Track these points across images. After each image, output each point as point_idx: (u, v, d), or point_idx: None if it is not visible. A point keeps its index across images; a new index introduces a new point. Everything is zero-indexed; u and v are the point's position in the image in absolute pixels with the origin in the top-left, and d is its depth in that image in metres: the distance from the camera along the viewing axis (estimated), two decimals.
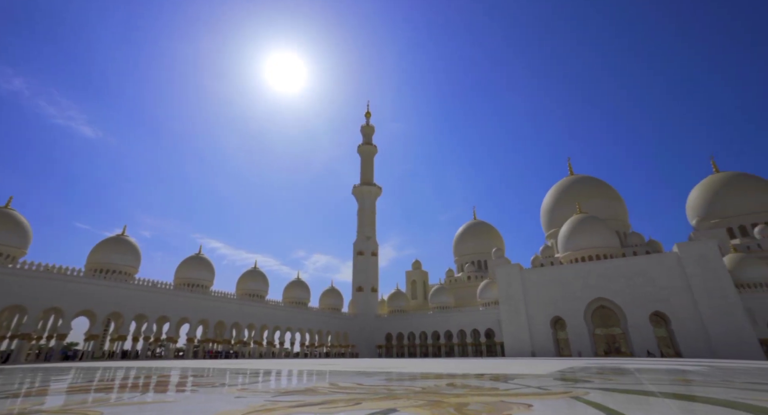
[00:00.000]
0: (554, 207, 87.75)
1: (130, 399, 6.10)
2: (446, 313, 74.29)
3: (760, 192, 71.34)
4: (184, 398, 6.27)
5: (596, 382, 9.11)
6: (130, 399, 6.10)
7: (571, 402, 5.47)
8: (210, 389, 7.70)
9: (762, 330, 48.62)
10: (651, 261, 57.03)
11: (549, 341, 59.56)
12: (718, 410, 4.86)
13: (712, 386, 8.29)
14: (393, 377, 11.73)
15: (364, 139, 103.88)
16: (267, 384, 9.29)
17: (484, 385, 8.41)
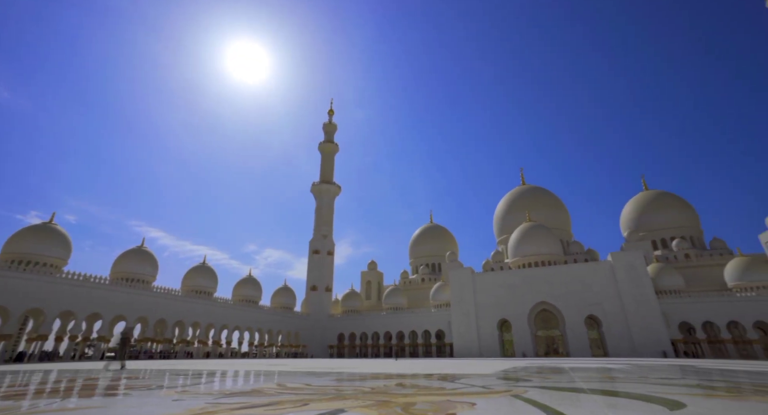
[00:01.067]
0: (506, 214, 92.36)
1: (47, 406, 5.50)
2: (399, 314, 75.32)
3: (678, 210, 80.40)
4: (113, 403, 5.78)
5: (535, 381, 9.69)
6: (47, 406, 5.50)
7: (511, 400, 5.78)
8: (145, 392, 7.18)
9: (673, 331, 54.63)
10: (588, 268, 61.93)
11: (495, 342, 62.49)
12: (635, 403, 5.40)
13: (632, 382, 9.17)
14: (344, 377, 11.66)
15: (325, 136, 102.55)
16: (210, 386, 8.84)
17: (433, 385, 8.63)
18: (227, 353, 62.19)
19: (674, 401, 5.43)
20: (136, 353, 51.51)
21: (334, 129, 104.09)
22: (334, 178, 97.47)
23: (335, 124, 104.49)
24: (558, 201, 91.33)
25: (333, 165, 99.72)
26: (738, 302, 52.70)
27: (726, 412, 4.52)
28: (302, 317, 78.20)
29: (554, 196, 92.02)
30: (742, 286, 56.35)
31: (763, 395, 6.26)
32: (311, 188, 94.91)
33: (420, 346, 71.91)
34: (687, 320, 54.30)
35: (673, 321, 54.53)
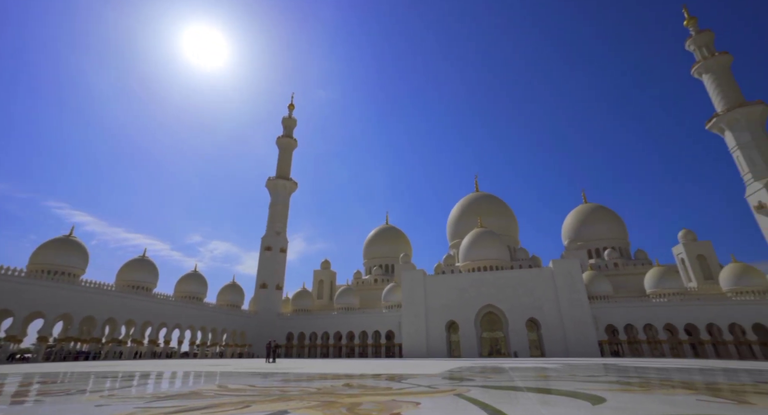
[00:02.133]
0: (459, 219, 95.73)
1: None
2: (350, 314, 75.05)
3: (610, 222, 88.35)
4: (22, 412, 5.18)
5: (478, 380, 10.13)
6: None
7: (454, 399, 5.99)
8: (62, 398, 6.50)
9: (601, 334, 59.87)
10: (531, 274, 65.92)
11: (443, 343, 64.41)
12: (564, 400, 5.85)
13: (563, 380, 9.91)
14: (290, 377, 11.40)
15: (284, 131, 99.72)
16: (142, 388, 8.22)
17: (380, 385, 8.70)
18: (163, 353, 58.18)
19: (597, 396, 5.96)
20: (61, 354, 46.57)
21: (294, 124, 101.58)
22: (291, 174, 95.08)
23: (295, 119, 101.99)
24: (508, 209, 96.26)
25: (290, 161, 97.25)
26: (652, 307, 58.85)
27: (637, 404, 5.07)
28: (250, 315, 75.25)
29: (505, 204, 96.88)
30: (657, 293, 63.05)
31: (667, 389, 7.06)
32: (267, 183, 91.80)
33: (370, 346, 72.19)
34: (612, 323, 59.65)
35: (601, 323, 59.61)
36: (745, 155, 59.64)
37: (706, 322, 55.30)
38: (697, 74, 69.72)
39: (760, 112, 60.49)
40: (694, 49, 70.73)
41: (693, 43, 70.76)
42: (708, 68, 67.40)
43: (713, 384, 8.75)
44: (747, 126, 60.22)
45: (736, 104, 62.17)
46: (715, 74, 66.54)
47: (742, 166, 60.46)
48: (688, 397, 6.02)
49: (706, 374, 12.61)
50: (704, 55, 68.83)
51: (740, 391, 7.23)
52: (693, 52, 71.09)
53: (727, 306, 55.32)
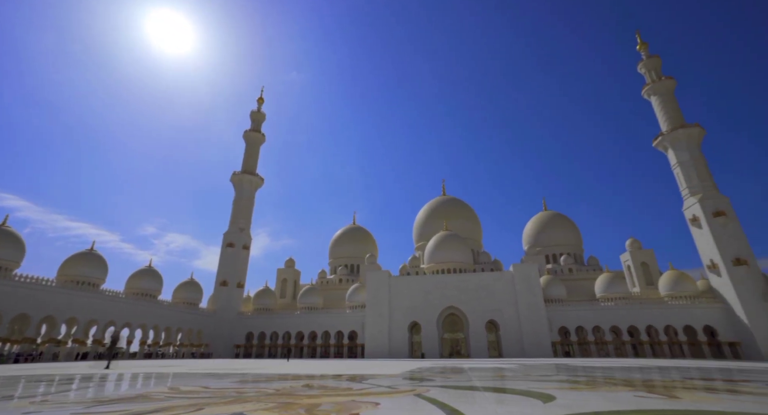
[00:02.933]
0: (426, 222, 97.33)
1: None
2: (314, 314, 73.99)
3: (567, 230, 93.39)
4: None
5: (438, 380, 10.33)
6: None
7: (413, 399, 6.07)
8: None
9: (554, 335, 63.07)
10: (493, 277, 68.20)
11: (405, 344, 65.09)
12: (517, 398, 6.11)
13: (518, 379, 10.34)
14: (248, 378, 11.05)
15: (252, 125, 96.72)
16: (82, 392, 7.64)
17: (341, 385, 8.65)
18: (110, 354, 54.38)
19: (548, 394, 6.27)
20: None
21: (262, 118, 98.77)
22: (257, 169, 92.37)
23: (264, 114, 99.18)
24: (473, 213, 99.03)
25: (257, 156, 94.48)
26: (601, 310, 62.81)
27: (583, 401, 5.39)
28: (208, 314, 72.12)
29: (470, 208, 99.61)
30: (606, 297, 67.37)
31: (610, 386, 7.57)
32: (232, 178, 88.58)
33: (332, 346, 71.54)
34: (565, 325, 62.97)
35: (555, 325, 62.75)
36: (683, 172, 65.15)
37: (645, 324, 59.75)
38: (647, 95, 75.36)
39: (697, 134, 66.38)
40: (645, 72, 76.42)
41: (644, 67, 76.45)
42: (655, 91, 73.08)
43: (649, 381, 9.48)
44: (686, 146, 65.86)
45: (678, 125, 67.85)
46: (661, 96, 72.24)
47: (681, 182, 65.99)
48: (627, 394, 6.48)
49: (644, 372, 13.62)
50: (653, 78, 74.55)
51: (671, 387, 7.89)
52: (644, 74, 76.77)
53: (663, 310, 60.10)
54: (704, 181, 62.83)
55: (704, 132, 66.84)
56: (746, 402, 5.55)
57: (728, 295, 56.23)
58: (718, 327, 56.54)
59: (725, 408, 4.90)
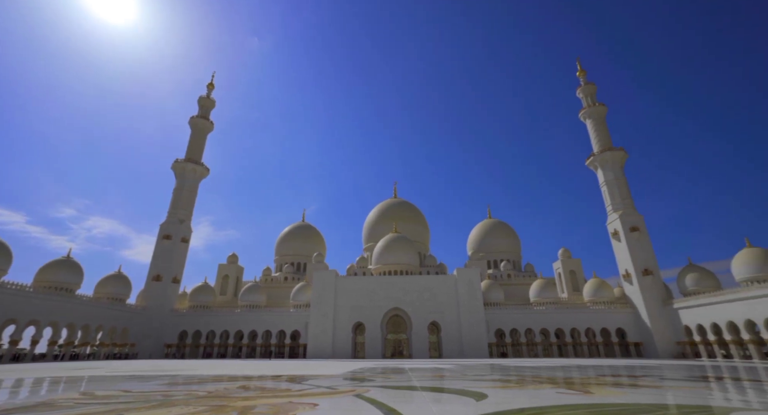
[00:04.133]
0: (376, 223, 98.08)
1: None
2: (255, 312, 71.04)
3: (508, 238, 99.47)
4: None
5: (378, 380, 10.44)
6: None
7: (352, 399, 6.08)
8: None
9: (491, 337, 66.75)
10: (437, 280, 70.44)
11: (348, 344, 64.85)
12: (453, 397, 6.38)
13: (455, 379, 10.79)
14: (178, 380, 10.34)
15: (200, 111, 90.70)
16: None
17: (280, 386, 8.41)
18: (6, 356, 47.82)
19: (481, 393, 6.63)
20: None
21: (212, 105, 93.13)
22: (203, 158, 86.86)
23: (213, 101, 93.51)
24: (422, 217, 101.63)
25: (204, 144, 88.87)
26: (533, 313, 67.62)
27: (512, 398, 5.78)
28: (136, 310, 66.09)
29: (420, 212, 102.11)
30: (539, 301, 72.71)
31: (537, 384, 8.19)
32: (174, 165, 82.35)
33: (273, 346, 69.25)
34: (501, 327, 66.85)
35: (492, 327, 66.37)
36: (609, 190, 72.44)
37: (570, 327, 65.37)
38: (583, 118, 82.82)
39: (621, 157, 74.25)
40: (582, 97, 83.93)
41: (582, 92, 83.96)
42: (590, 115, 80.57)
43: (569, 379, 10.39)
44: (612, 167, 73.37)
45: (606, 148, 75.36)
46: (594, 120, 79.79)
47: (606, 199, 73.29)
48: (550, 390, 7.05)
49: (566, 371, 14.89)
50: (588, 103, 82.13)
51: (586, 383, 8.72)
52: (581, 99, 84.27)
53: (585, 314, 66.22)
54: (625, 199, 70.24)
55: (627, 155, 74.73)
56: (644, 394, 6.34)
57: (637, 301, 63.34)
58: (627, 329, 63.48)
59: (627, 400, 5.56)
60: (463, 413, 4.68)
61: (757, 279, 50.21)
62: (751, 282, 50.49)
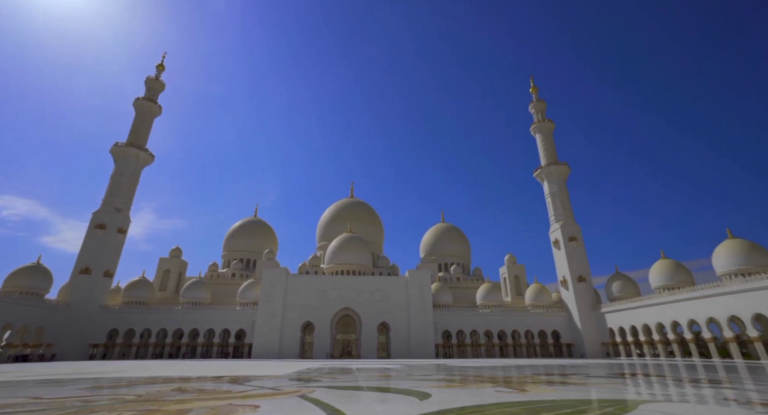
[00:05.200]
0: (330, 222, 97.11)
1: None
2: (198, 310, 67.07)
3: (459, 242, 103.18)
4: None
5: (325, 381, 10.31)
6: None
7: (296, 400, 5.95)
8: None
9: (438, 338, 68.81)
10: (389, 281, 71.25)
11: (296, 344, 63.41)
12: (398, 397, 6.47)
13: (401, 379, 10.95)
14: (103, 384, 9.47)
15: (147, 93, 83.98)
16: None
17: (220, 388, 8.01)
18: None
19: (425, 392, 6.79)
20: None
21: (161, 88, 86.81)
22: (147, 143, 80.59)
23: (163, 83, 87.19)
24: (377, 218, 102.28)
25: (149, 129, 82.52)
26: (478, 316, 70.69)
27: (455, 397, 5.98)
28: (56, 306, 59.49)
29: (375, 213, 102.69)
30: (484, 304, 76.09)
31: (478, 383, 8.56)
32: (112, 148, 75.52)
33: (216, 346, 65.87)
34: (448, 329, 69.07)
35: (440, 329, 68.34)
36: (552, 202, 77.83)
37: (512, 329, 69.17)
38: (533, 132, 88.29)
39: (564, 171, 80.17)
40: (533, 112, 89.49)
41: (533, 108, 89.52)
42: (539, 130, 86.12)
43: (508, 378, 10.99)
44: (556, 180, 78.95)
45: (552, 162, 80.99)
46: (543, 135, 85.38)
47: (550, 209, 78.69)
48: (490, 389, 7.40)
49: (506, 371, 15.73)
50: (539, 119, 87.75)
51: (523, 382, 9.28)
52: (533, 114, 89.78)
53: (526, 317, 70.46)
54: (566, 210, 75.78)
55: (570, 170, 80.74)
56: (572, 391, 6.87)
57: (571, 305, 68.57)
58: (562, 331, 68.49)
59: (557, 397, 5.99)
60: (407, 412, 4.76)
61: (668, 287, 56.58)
62: (663, 289, 56.76)
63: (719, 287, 45.10)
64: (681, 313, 49.29)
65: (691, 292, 48.50)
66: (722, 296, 44.24)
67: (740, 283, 42.64)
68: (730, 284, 43.73)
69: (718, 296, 44.71)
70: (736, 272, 47.12)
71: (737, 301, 42.56)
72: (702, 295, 46.69)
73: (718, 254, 50.09)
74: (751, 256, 47.10)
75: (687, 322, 48.50)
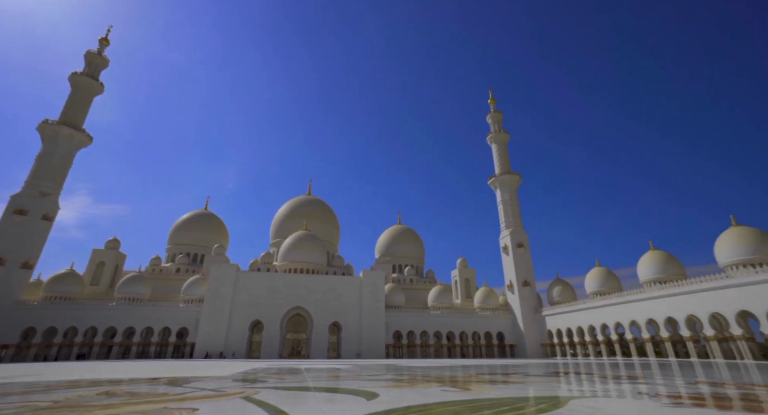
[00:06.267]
0: (285, 219, 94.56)
1: None
2: (136, 306, 62.00)
3: (414, 244, 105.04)
4: None
5: (271, 381, 10.00)
6: None
7: (239, 402, 5.71)
8: None
9: (389, 338, 69.48)
10: (343, 281, 70.78)
11: (243, 344, 60.85)
12: (346, 397, 6.45)
13: (350, 379, 10.92)
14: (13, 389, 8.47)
15: (86, 68, 76.10)
16: None
17: (156, 390, 7.49)
18: None
19: (372, 392, 6.82)
20: None
21: (103, 64, 79.40)
22: (84, 124, 73.40)
23: (106, 59, 79.76)
24: (334, 217, 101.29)
25: (87, 108, 75.20)
26: (429, 317, 72.40)
27: (402, 397, 6.07)
28: None
29: (332, 211, 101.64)
30: (435, 306, 78.15)
31: (425, 383, 8.76)
32: (40, 126, 67.77)
33: (153, 345, 61.46)
34: (399, 329, 70.00)
35: (391, 329, 69.05)
36: (503, 209, 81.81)
37: (460, 330, 71.62)
38: (489, 142, 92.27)
39: (516, 180, 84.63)
40: (491, 122, 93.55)
41: (491, 118, 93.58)
42: (495, 140, 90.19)
43: (454, 377, 11.37)
44: (508, 189, 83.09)
45: (505, 171, 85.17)
46: (498, 145, 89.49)
47: (501, 216, 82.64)
48: (437, 388, 7.61)
49: (452, 371, 16.25)
50: (495, 129, 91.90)
51: (467, 381, 9.65)
52: (490, 124, 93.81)
53: (474, 319, 73.32)
54: (515, 218, 79.95)
55: (521, 180, 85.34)
56: (512, 389, 7.27)
57: (516, 308, 72.43)
58: (506, 333, 72.12)
59: (498, 395, 6.31)
60: (353, 412, 4.75)
61: (600, 293, 61.77)
62: (596, 295, 61.86)
63: (641, 293, 50.00)
64: (609, 316, 53.97)
65: (618, 297, 53.29)
66: (643, 301, 49.10)
67: (657, 290, 47.61)
68: (650, 291, 48.64)
69: (640, 301, 49.59)
70: (655, 280, 52.51)
71: (654, 306, 47.47)
72: (626, 300, 51.51)
73: (641, 263, 55.52)
74: (668, 266, 52.75)
75: (614, 324, 53.22)
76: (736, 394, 6.92)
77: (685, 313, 43.64)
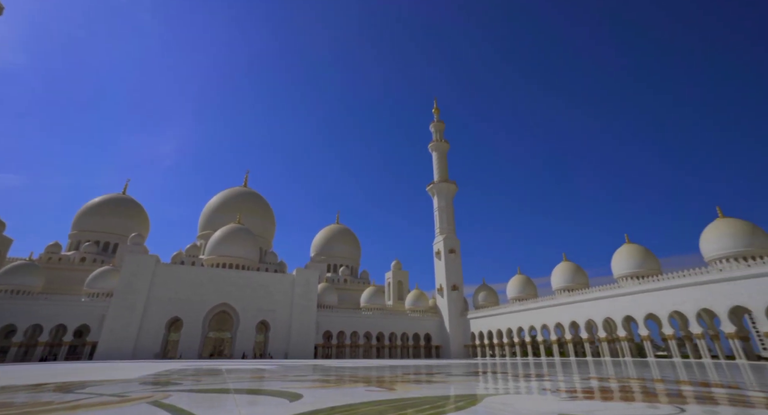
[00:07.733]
0: (216, 210, 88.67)
1: None
2: (21, 300, 53.00)
3: (350, 244, 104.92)
4: None
5: (186, 383, 9.26)
6: None
7: (145, 408, 5.18)
8: None
9: (319, 338, 68.46)
10: (275, 278, 68.20)
11: (158, 343, 55.41)
12: (269, 399, 6.21)
13: (274, 380, 10.54)
14: None
15: None
16: None
17: (39, 398, 6.50)
18: None
19: (296, 393, 6.66)
20: None
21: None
22: None
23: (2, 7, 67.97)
24: (270, 211, 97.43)
25: None
26: (361, 317, 72.81)
27: (326, 398, 6.02)
28: None
29: (268, 206, 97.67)
30: (368, 307, 78.82)
31: (352, 383, 8.79)
32: None
33: (40, 345, 53.36)
34: (330, 329, 69.30)
35: (321, 329, 68.09)
36: (439, 215, 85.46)
37: (390, 331, 73.07)
38: (430, 150, 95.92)
39: (453, 189, 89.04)
40: (433, 131, 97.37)
41: (433, 127, 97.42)
42: (435, 148, 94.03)
43: (381, 377, 11.55)
44: (445, 196, 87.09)
45: (443, 179, 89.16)
46: (438, 154, 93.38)
47: (436, 222, 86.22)
48: (362, 388, 7.67)
49: (379, 371, 16.50)
50: (436, 138, 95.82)
51: (393, 381, 9.88)
52: (432, 133, 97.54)
53: (404, 320, 75.33)
54: (450, 225, 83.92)
55: (457, 189, 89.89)
56: (435, 388, 7.61)
57: (444, 311, 75.92)
58: (433, 334, 75.21)
59: (421, 394, 6.55)
60: (274, 414, 4.59)
61: (519, 298, 67.38)
62: (516, 300, 67.36)
63: (552, 299, 55.66)
64: (525, 320, 59.17)
65: (533, 303, 58.72)
66: (553, 307, 54.75)
67: (565, 297, 53.51)
68: (561, 298, 54.34)
69: (549, 307, 55.27)
70: (564, 288, 58.88)
71: (561, 311, 53.23)
72: (538, 306, 57.12)
73: (555, 273, 61.84)
74: (576, 276, 59.47)
75: (528, 328, 58.47)
76: (616, 387, 8.05)
77: (585, 317, 49.52)
